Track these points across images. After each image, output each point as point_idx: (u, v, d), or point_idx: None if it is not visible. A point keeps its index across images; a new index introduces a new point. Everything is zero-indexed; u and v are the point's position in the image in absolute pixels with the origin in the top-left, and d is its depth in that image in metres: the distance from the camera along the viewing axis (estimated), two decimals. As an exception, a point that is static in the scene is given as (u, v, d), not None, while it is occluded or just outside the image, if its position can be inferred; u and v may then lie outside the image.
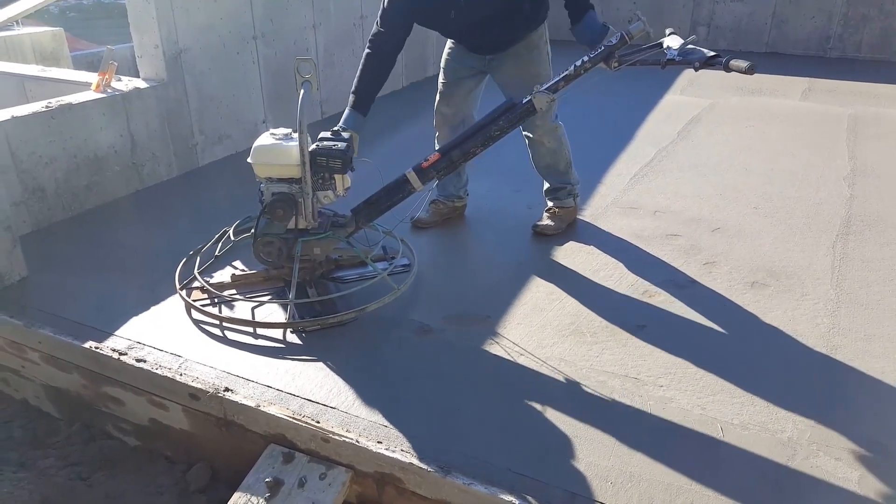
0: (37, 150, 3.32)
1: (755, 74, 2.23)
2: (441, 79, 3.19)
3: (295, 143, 2.51)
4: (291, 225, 2.62)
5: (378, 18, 2.78)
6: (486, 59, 3.01)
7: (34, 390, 2.71)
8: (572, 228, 3.32)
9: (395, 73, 3.20)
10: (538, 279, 2.87)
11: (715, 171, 4.08)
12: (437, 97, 3.23)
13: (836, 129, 4.89)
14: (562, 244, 3.16)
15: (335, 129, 2.67)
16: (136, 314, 2.62)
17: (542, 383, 2.22)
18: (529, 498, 1.76)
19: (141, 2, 3.77)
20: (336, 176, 2.61)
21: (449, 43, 3.13)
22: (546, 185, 3.31)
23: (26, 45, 5.92)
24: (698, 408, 2.10)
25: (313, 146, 2.57)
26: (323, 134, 2.65)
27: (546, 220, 3.28)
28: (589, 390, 2.18)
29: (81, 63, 6.92)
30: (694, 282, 2.82)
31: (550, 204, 3.31)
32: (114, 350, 2.39)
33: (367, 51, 2.79)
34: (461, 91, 3.15)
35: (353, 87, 2.77)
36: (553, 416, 2.08)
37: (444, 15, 2.76)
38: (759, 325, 2.53)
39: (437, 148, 3.16)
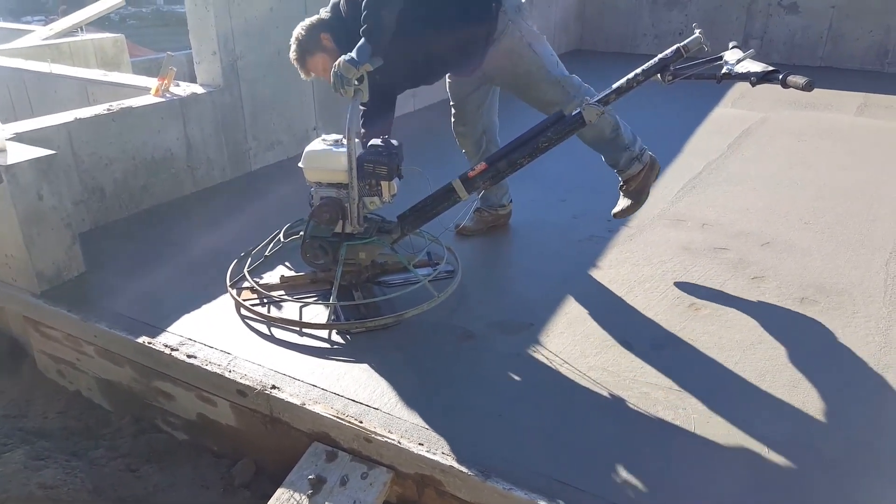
0: (97, 150, 3.44)
1: (810, 89, 2.19)
2: (450, 101, 3.19)
3: (344, 150, 2.56)
4: (339, 229, 2.68)
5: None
6: (477, 75, 2.96)
7: (88, 382, 2.81)
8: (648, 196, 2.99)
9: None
10: (582, 289, 2.86)
11: (765, 186, 4.01)
12: (452, 118, 3.23)
13: (893, 146, 4.76)
14: (606, 255, 3.15)
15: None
16: (188, 311, 2.70)
17: (585, 393, 2.22)
18: (569, 506, 1.76)
19: (201, 9, 3.90)
20: (382, 182, 2.65)
21: None
22: (603, 159, 2.99)
23: (89, 51, 6.16)
24: (743, 423, 2.06)
25: (361, 153, 2.62)
26: (373, 141, 2.70)
27: (620, 203, 2.99)
28: (632, 402, 2.16)
29: (140, 68, 7.17)
30: (742, 297, 2.78)
31: (620, 180, 2.99)
32: (165, 345, 2.47)
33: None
34: (470, 108, 3.14)
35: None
36: (595, 425, 2.07)
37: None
38: (807, 342, 2.48)
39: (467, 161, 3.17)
